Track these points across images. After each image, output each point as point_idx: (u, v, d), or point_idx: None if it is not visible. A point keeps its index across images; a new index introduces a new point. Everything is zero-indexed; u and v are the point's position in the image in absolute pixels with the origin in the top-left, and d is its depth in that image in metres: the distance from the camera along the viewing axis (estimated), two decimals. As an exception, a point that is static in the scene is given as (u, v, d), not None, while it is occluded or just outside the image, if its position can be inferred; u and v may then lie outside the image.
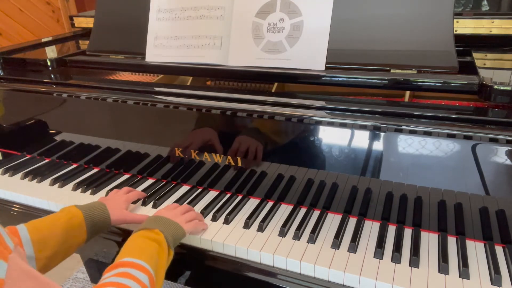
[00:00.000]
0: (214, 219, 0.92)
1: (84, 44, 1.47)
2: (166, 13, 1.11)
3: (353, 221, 0.89)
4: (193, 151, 0.99)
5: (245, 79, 1.09)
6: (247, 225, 0.89)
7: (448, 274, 0.74)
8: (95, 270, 1.60)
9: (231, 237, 0.86)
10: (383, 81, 0.89)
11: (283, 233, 0.86)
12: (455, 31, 0.95)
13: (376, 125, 0.80)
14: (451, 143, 0.75)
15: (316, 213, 0.92)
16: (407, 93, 0.91)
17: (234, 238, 0.86)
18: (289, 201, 0.96)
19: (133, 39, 1.18)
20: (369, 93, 0.93)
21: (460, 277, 0.73)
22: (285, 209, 0.94)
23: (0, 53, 1.29)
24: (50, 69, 1.22)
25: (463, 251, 0.78)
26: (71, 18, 1.61)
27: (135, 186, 1.07)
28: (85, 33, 1.58)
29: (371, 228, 0.87)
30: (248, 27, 1.02)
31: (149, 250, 0.72)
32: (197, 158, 1.00)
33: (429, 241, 0.82)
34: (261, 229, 0.88)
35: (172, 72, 1.15)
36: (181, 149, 1.00)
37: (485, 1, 1.17)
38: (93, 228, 0.84)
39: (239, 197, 0.99)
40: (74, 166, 1.19)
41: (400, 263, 0.77)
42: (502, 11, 1.17)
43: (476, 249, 0.80)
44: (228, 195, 1.00)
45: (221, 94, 0.97)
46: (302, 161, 0.89)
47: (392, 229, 0.86)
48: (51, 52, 1.41)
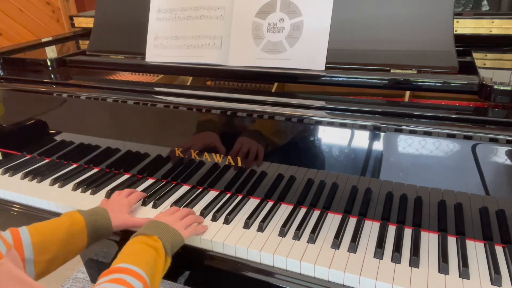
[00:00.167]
0: (214, 219, 0.92)
1: (84, 44, 1.47)
2: (166, 13, 1.11)
3: (353, 221, 0.89)
4: (193, 151, 0.99)
5: (245, 79, 1.09)
6: (247, 225, 0.89)
7: (448, 274, 0.74)
8: (95, 270, 1.59)
9: (231, 237, 0.86)
10: (383, 81, 0.89)
11: (283, 233, 0.86)
12: (455, 31, 0.95)
13: (376, 125, 0.80)
14: (451, 143, 0.75)
15: (316, 213, 0.92)
16: (407, 93, 0.91)
17: (234, 238, 0.86)
18: (289, 201, 0.96)
19: (133, 39, 1.18)
20: (369, 93, 0.92)
21: (460, 277, 0.73)
22: (285, 209, 0.94)
23: (0, 53, 1.29)
24: (50, 69, 1.22)
25: (463, 251, 0.78)
26: (71, 18, 1.61)
27: (135, 186, 1.07)
28: (85, 33, 1.58)
29: (371, 228, 0.87)
30: (248, 27, 1.02)
31: (146, 256, 0.72)
32: (197, 158, 1.00)
33: (429, 241, 0.82)
34: (261, 229, 0.88)
35: (172, 72, 1.15)
36: (181, 149, 1.00)
37: (485, 1, 1.17)
38: (94, 234, 0.84)
39: (239, 197, 0.99)
40: (74, 166, 1.19)
41: (400, 263, 0.77)
42: (502, 11, 1.17)
43: (476, 249, 0.80)
44: (228, 195, 1.00)
45: (221, 94, 0.97)
46: (302, 161, 0.89)
47: (392, 229, 0.86)
48: (51, 52, 1.41)
